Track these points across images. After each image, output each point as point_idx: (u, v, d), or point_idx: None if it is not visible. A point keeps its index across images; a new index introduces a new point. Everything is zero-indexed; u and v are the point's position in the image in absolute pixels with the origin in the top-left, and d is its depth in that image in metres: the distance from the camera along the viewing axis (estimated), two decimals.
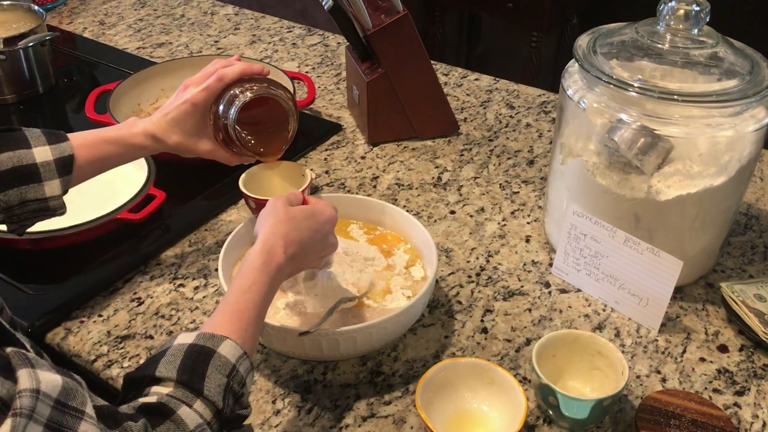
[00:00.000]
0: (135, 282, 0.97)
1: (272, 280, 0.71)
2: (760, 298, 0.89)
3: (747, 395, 0.82)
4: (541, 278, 0.98)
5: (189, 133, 0.88)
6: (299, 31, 1.65)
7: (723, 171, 0.86)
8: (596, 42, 0.93)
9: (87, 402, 0.50)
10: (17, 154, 0.79)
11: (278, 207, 0.77)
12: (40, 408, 0.46)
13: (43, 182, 0.80)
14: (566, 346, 0.81)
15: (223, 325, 0.65)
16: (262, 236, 0.74)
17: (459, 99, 1.39)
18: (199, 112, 0.88)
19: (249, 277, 0.69)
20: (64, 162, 0.81)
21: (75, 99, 1.43)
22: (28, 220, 0.82)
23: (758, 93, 0.83)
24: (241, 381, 0.63)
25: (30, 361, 0.48)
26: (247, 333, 0.66)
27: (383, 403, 0.81)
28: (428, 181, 1.16)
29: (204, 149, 0.90)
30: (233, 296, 0.68)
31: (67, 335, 0.89)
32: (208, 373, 0.60)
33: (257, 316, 0.68)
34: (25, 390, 0.46)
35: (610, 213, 0.90)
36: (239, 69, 0.89)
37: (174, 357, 0.61)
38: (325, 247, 0.80)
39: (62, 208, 0.83)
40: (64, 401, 0.48)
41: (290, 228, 0.75)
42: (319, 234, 0.78)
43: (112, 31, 1.67)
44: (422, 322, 0.91)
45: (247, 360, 0.64)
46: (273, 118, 0.91)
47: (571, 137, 0.94)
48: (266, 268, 0.71)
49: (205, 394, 0.59)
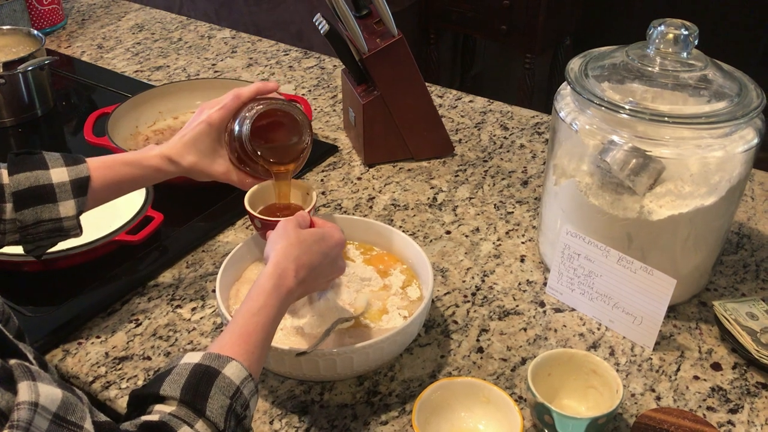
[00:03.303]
0: (133, 303, 0.98)
1: (281, 304, 0.71)
2: (752, 316, 0.89)
3: (740, 413, 0.83)
4: (536, 297, 0.99)
5: (204, 154, 0.89)
6: (296, 54, 1.67)
7: (714, 191, 0.88)
8: (588, 65, 0.94)
9: (86, 417, 0.50)
10: (34, 175, 0.80)
11: (289, 230, 0.77)
12: (38, 421, 0.47)
13: (58, 202, 0.80)
14: (561, 365, 0.82)
15: (230, 347, 0.65)
16: (273, 259, 0.74)
17: (454, 120, 1.40)
18: (215, 131, 0.89)
19: (258, 299, 0.70)
20: (80, 183, 0.82)
21: (73, 122, 1.45)
22: (44, 240, 0.83)
23: (746, 114, 0.85)
24: (245, 403, 0.63)
25: (32, 374, 0.48)
26: (254, 356, 0.66)
27: (380, 423, 0.81)
28: (424, 202, 1.18)
29: (219, 170, 0.91)
30: (242, 318, 0.68)
31: (65, 357, 0.90)
32: (211, 394, 0.60)
33: (264, 338, 0.68)
34: (23, 402, 0.46)
35: (603, 233, 0.91)
36: (255, 87, 0.91)
37: (179, 376, 0.61)
38: (333, 271, 0.81)
39: (76, 229, 0.83)
40: (62, 415, 0.49)
41: (301, 251, 0.75)
42: (328, 258, 0.79)
43: (110, 55, 1.68)
44: (418, 341, 0.91)
45: (252, 382, 0.64)
46: (287, 134, 0.92)
47: (564, 158, 0.95)
48: (276, 291, 0.71)
49: (207, 414, 0.59)
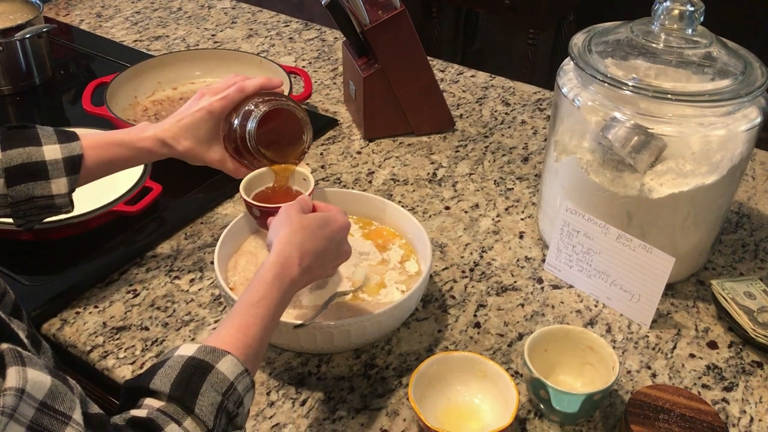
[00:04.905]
0: (131, 274, 0.98)
1: (284, 294, 0.69)
2: (749, 295, 0.90)
3: (735, 391, 0.83)
4: (534, 274, 0.99)
5: (201, 141, 0.88)
6: (296, 26, 1.66)
7: (715, 170, 0.87)
8: (591, 40, 0.93)
9: (75, 407, 0.49)
10: (27, 151, 0.79)
11: (292, 215, 0.75)
12: (23, 408, 0.46)
13: (50, 180, 0.80)
14: (558, 341, 0.82)
15: (227, 340, 0.63)
16: (276, 246, 0.71)
17: (455, 95, 1.39)
18: (214, 120, 0.88)
19: (259, 290, 0.67)
20: (73, 161, 0.81)
21: (72, 91, 1.43)
22: (34, 216, 0.82)
23: (750, 93, 0.84)
24: (238, 400, 0.60)
25: (22, 359, 0.48)
26: (251, 349, 0.64)
27: (376, 396, 0.82)
28: (423, 177, 1.17)
29: (213, 158, 0.90)
30: (241, 310, 0.66)
31: (63, 326, 0.90)
32: (202, 390, 0.58)
33: (263, 331, 0.66)
34: (9, 389, 0.46)
35: (603, 210, 0.91)
36: (259, 82, 0.90)
37: (171, 369, 0.59)
38: (339, 256, 0.79)
39: (68, 206, 0.83)
40: (50, 404, 0.48)
41: (305, 237, 0.73)
42: (333, 242, 0.76)
43: (108, 24, 1.67)
44: (416, 316, 0.92)
45: (248, 378, 0.62)
46: (288, 132, 0.91)
47: (566, 135, 0.94)
48: (279, 281, 0.69)
49: (196, 412, 0.57)
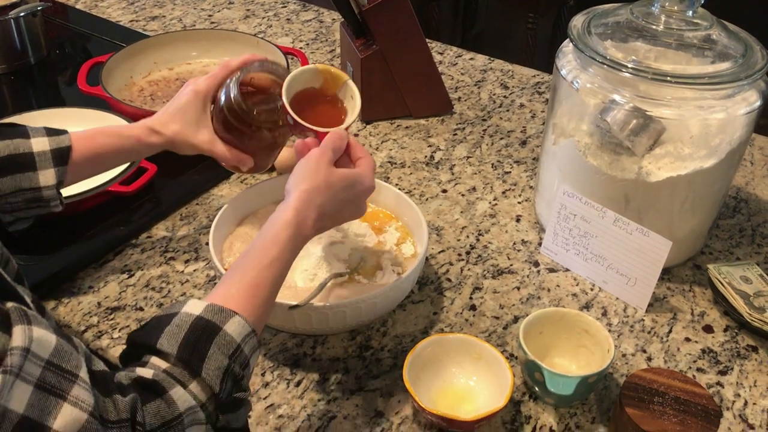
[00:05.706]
0: (126, 254, 0.97)
1: (293, 255, 0.68)
2: (746, 280, 0.89)
3: (730, 375, 0.83)
4: (531, 257, 0.99)
5: (189, 123, 0.86)
6: (294, 7, 1.64)
7: (713, 154, 0.87)
8: (591, 22, 0.92)
9: (81, 366, 0.50)
10: (14, 143, 0.79)
11: (321, 167, 0.71)
12: (29, 367, 0.46)
13: (37, 171, 0.79)
14: (553, 323, 0.82)
15: (237, 299, 0.62)
16: (294, 203, 0.69)
17: (453, 78, 1.39)
18: (201, 100, 0.87)
19: (272, 249, 0.66)
20: (61, 152, 0.80)
21: (67, 71, 1.42)
22: (23, 212, 0.81)
23: (750, 76, 0.83)
24: (244, 362, 0.60)
25: (28, 318, 0.48)
26: (260, 310, 0.63)
27: (371, 377, 0.82)
28: (421, 160, 1.17)
29: (202, 140, 0.88)
30: (253, 269, 0.65)
31: (57, 306, 0.89)
32: (209, 354, 0.57)
33: (272, 292, 0.66)
34: (16, 348, 0.46)
35: (600, 193, 0.91)
36: (243, 57, 0.88)
37: (178, 329, 0.58)
38: (353, 215, 0.76)
39: (56, 200, 0.81)
40: (57, 363, 0.48)
41: (326, 199, 0.70)
42: (353, 205, 0.74)
43: (104, 3, 1.65)
44: (411, 298, 0.92)
45: (254, 338, 0.61)
46: (273, 98, 0.90)
47: (564, 117, 0.94)
48: (293, 242, 0.67)
49: (202, 376, 0.57)
